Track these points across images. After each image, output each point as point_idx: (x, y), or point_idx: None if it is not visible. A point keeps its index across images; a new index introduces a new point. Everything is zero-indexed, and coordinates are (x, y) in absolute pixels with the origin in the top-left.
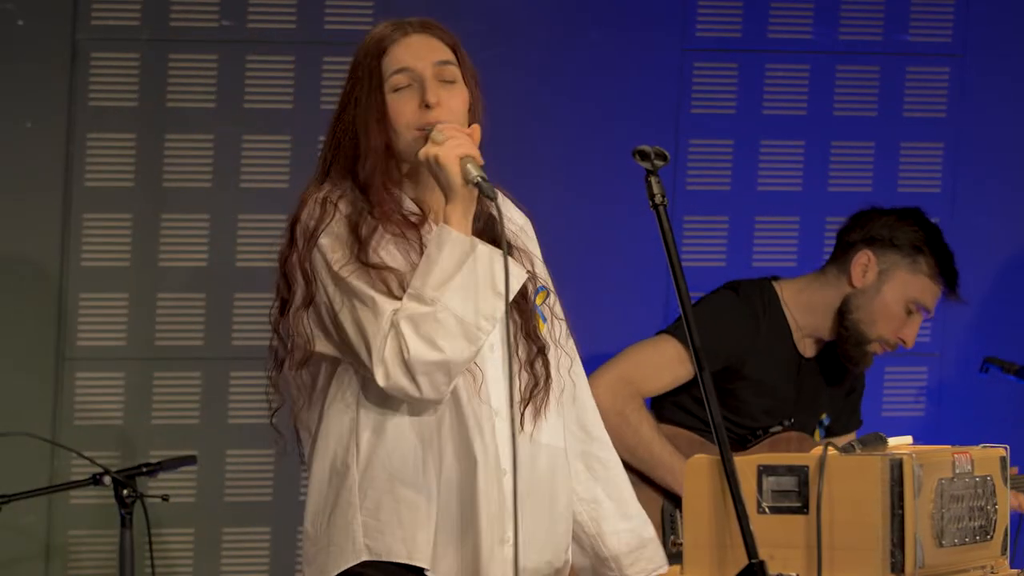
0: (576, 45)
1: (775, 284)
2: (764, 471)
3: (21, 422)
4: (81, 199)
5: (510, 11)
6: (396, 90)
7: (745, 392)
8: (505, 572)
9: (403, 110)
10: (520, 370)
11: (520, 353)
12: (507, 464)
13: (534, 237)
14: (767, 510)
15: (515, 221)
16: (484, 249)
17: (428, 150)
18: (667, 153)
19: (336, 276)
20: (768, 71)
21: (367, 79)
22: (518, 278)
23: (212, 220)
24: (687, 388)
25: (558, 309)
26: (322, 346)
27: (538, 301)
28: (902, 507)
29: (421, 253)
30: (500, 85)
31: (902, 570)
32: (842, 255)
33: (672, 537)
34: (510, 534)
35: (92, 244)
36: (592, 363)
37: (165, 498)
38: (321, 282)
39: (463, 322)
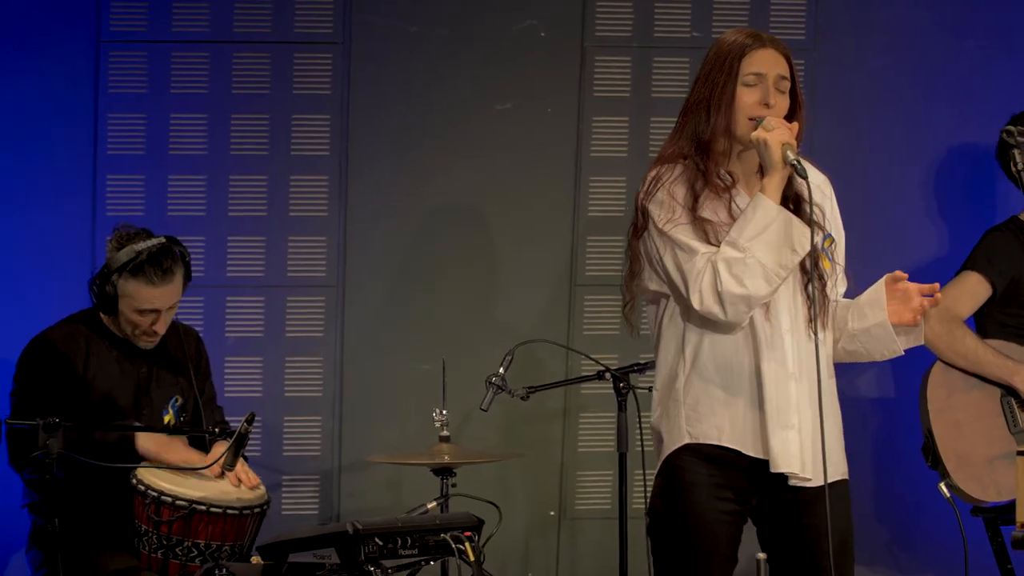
0: (953, 52)
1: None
2: None
3: (544, 332)
4: (587, 165)
5: (910, 23)
6: (746, 86)
7: None
8: (783, 449)
9: (749, 102)
10: (808, 296)
11: (808, 284)
12: (794, 368)
13: (830, 194)
14: None
15: (813, 181)
16: (787, 215)
17: (759, 134)
18: None
19: (660, 231)
20: None
21: (728, 71)
22: (809, 239)
23: None
24: (996, 308)
25: (839, 253)
26: (651, 282)
27: (825, 245)
28: None
29: (729, 210)
30: (891, 84)
31: None
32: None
33: (1011, 419)
34: (794, 420)
35: (597, 200)
36: None
37: (650, 389)
38: (650, 234)
39: (765, 268)
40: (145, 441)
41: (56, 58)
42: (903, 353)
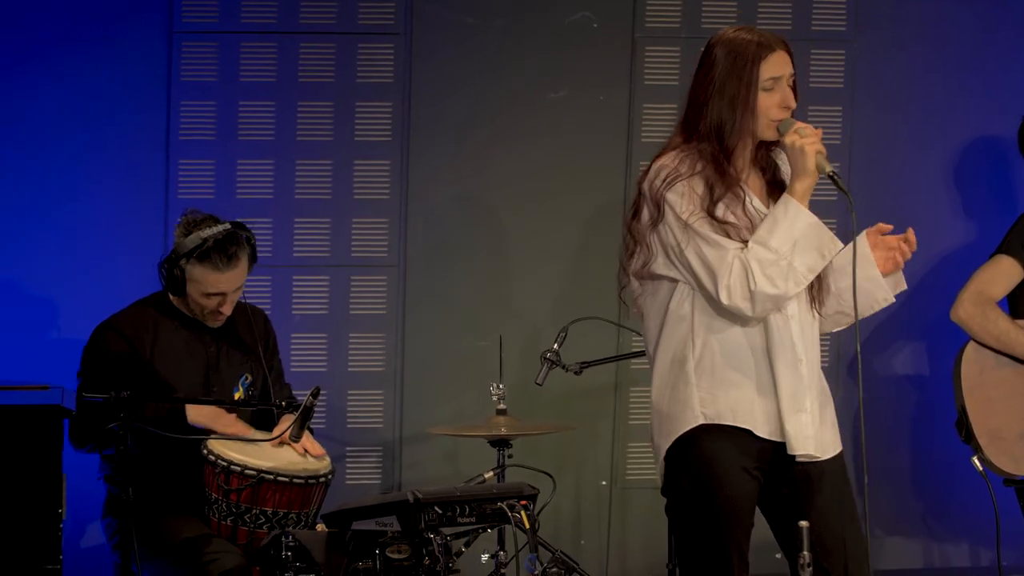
0: (982, 45)
1: None
2: None
3: (596, 310)
4: (638, 151)
5: (942, 15)
6: (764, 90)
7: None
8: (799, 432)
9: (770, 105)
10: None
11: None
12: (802, 354)
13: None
14: None
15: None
16: (816, 221)
17: (795, 140)
18: None
19: (684, 223)
20: None
21: (747, 75)
22: (837, 244)
23: None
24: None
25: None
26: (662, 269)
27: None
28: None
29: (743, 206)
30: (924, 76)
31: None
32: None
33: None
34: (807, 403)
35: None
36: None
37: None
38: (668, 225)
39: (796, 271)
40: (196, 415)
41: (131, 49)
42: (894, 300)
